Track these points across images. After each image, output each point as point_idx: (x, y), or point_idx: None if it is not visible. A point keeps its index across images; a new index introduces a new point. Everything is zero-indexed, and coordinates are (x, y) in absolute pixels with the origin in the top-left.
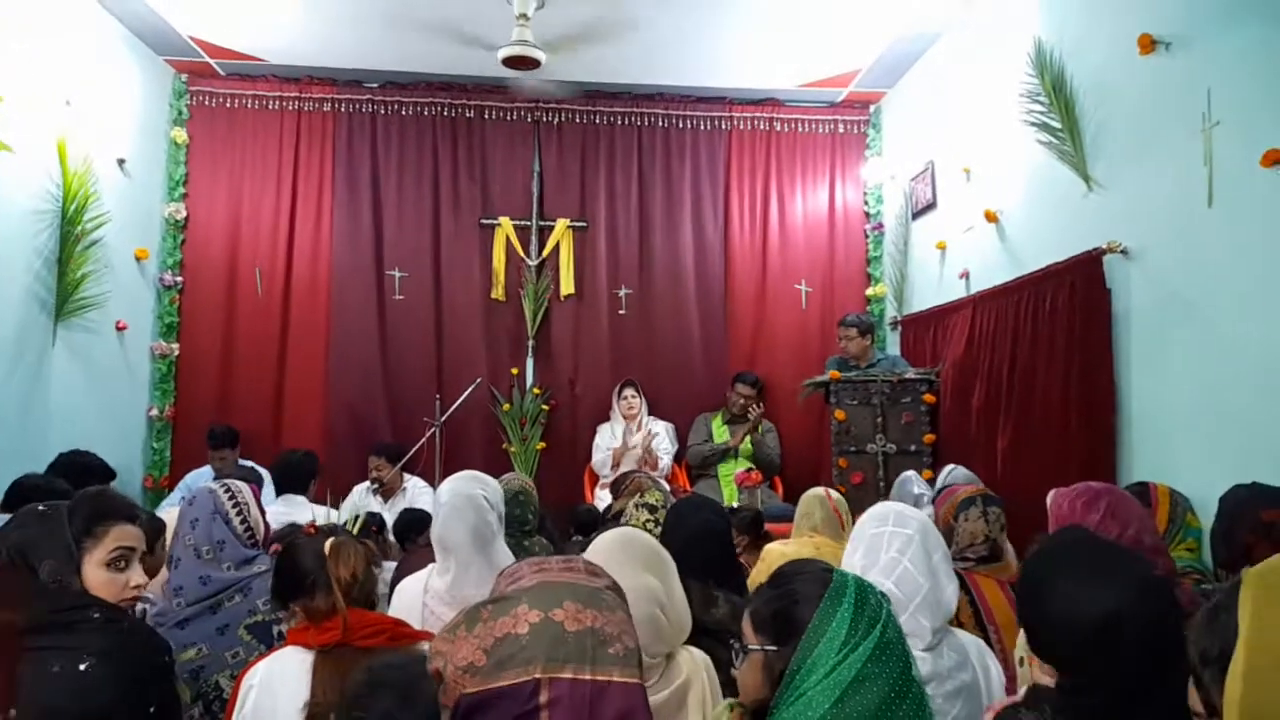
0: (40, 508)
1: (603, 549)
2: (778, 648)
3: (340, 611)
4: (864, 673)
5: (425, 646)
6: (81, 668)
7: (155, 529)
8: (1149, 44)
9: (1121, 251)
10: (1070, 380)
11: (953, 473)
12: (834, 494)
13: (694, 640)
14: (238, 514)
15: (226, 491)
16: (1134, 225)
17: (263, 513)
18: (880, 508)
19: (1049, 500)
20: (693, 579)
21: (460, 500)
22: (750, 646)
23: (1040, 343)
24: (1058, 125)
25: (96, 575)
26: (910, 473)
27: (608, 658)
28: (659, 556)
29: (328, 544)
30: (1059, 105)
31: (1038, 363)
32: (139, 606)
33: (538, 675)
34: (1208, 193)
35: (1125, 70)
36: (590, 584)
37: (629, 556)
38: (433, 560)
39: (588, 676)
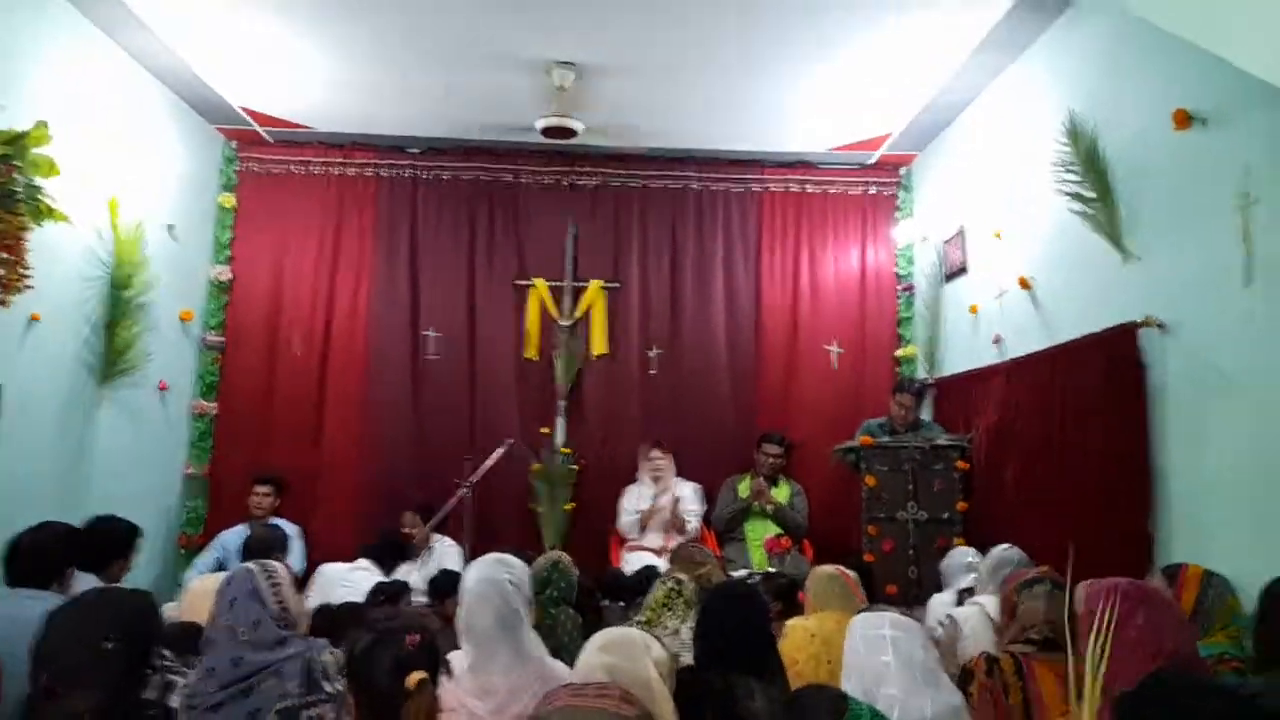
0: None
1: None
2: None
3: None
4: None
5: None
6: None
7: None
8: (1184, 119)
9: (1159, 326)
10: (1105, 454)
11: (1006, 552)
12: (846, 570)
13: None
14: (274, 594)
15: (264, 571)
16: (1170, 299)
17: (298, 583)
18: (856, 629)
19: (1080, 595)
20: (732, 672)
21: (485, 586)
22: None
23: (1073, 413)
24: (1092, 195)
25: None
26: (961, 547)
27: None
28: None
29: (412, 678)
30: (1093, 176)
31: (1070, 434)
32: (173, 679)
33: None
34: (1244, 271)
35: (1161, 144)
36: (619, 711)
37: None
38: None
39: None
